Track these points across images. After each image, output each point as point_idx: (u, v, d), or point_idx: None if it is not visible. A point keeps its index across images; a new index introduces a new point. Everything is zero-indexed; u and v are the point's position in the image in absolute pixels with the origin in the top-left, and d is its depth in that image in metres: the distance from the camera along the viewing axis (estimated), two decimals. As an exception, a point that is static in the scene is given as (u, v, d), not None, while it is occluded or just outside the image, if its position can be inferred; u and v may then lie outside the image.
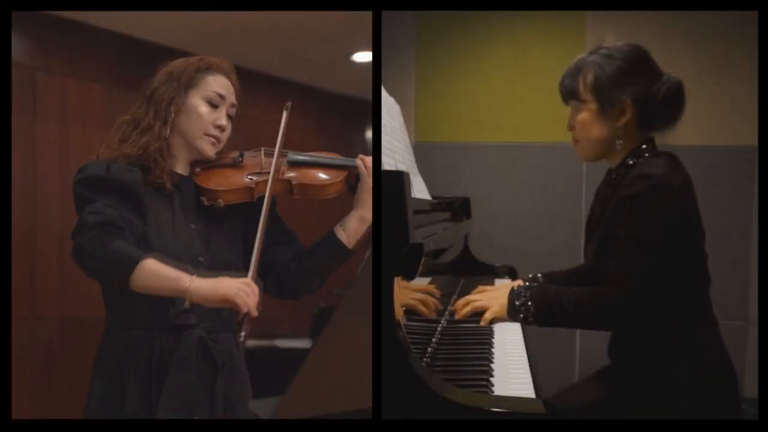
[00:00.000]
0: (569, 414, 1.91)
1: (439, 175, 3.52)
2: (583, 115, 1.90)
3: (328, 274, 1.81)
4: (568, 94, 1.93)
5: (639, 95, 1.83)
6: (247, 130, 4.87)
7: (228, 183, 1.75)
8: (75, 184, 1.62)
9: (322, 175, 1.78)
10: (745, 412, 2.08)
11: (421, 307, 1.66)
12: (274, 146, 1.80)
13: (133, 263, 1.51)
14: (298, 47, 4.02)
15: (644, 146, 1.87)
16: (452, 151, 3.58)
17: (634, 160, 1.86)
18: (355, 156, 1.79)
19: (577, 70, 1.90)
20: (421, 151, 3.41)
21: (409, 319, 1.52)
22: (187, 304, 1.55)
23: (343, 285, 4.02)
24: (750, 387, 3.14)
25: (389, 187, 1.28)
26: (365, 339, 1.30)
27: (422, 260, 1.31)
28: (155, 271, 1.52)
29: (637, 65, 1.86)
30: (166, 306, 1.62)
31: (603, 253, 1.84)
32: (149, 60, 1.79)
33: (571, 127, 1.96)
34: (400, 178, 1.28)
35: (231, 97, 1.76)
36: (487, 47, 3.57)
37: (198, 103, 1.71)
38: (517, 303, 1.81)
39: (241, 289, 1.53)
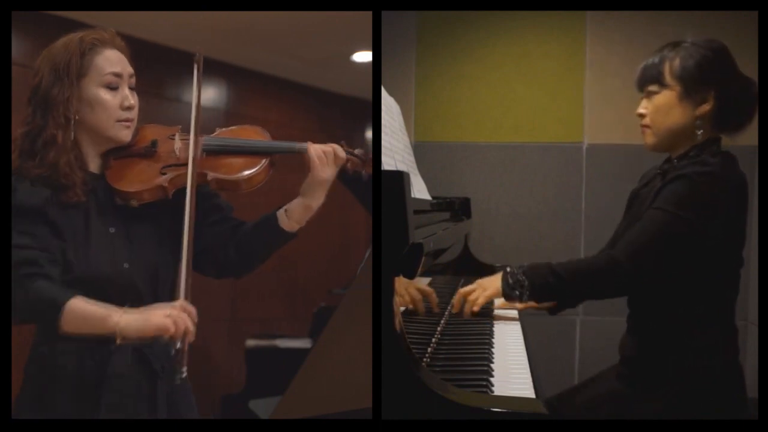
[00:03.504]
0: (570, 414, 1.91)
1: (439, 175, 3.52)
2: (663, 99, 1.88)
3: (269, 255, 1.70)
4: (650, 78, 1.90)
5: (722, 89, 1.85)
6: (247, 130, 4.79)
7: (139, 181, 1.57)
8: None
9: (241, 166, 1.60)
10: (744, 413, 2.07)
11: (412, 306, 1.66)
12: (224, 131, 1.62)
13: (58, 308, 1.39)
14: (298, 47, 4.02)
15: (710, 143, 1.87)
16: (452, 151, 3.58)
17: (697, 152, 1.86)
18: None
19: (661, 57, 1.89)
20: (421, 151, 3.41)
21: (409, 320, 1.52)
22: (118, 342, 1.41)
23: (343, 285, 4.02)
24: (750, 387, 3.14)
25: (389, 187, 1.28)
26: (365, 339, 1.29)
27: (422, 260, 1.31)
28: (81, 313, 1.41)
29: (722, 59, 1.87)
30: None
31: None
32: (149, 60, 1.75)
33: (644, 111, 1.93)
34: (400, 178, 1.28)
35: (127, 68, 1.59)
36: (487, 47, 3.57)
37: (96, 91, 1.55)
38: (510, 281, 1.82)
39: (175, 317, 1.40)
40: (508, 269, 1.85)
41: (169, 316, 1.39)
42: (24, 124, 1.57)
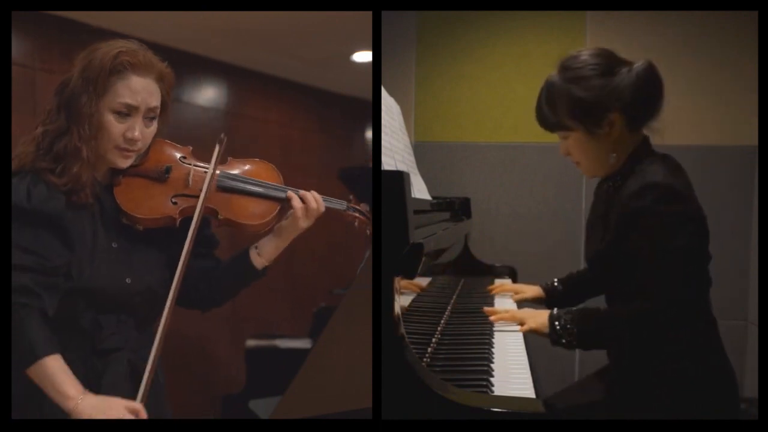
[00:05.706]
0: (569, 414, 1.91)
1: (439, 175, 3.52)
2: (574, 141, 1.87)
3: (238, 292, 1.74)
4: (552, 126, 1.90)
5: (620, 99, 1.78)
6: (247, 130, 4.86)
7: (148, 208, 1.57)
8: None
9: (253, 211, 1.63)
10: (744, 413, 2.07)
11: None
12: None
13: (33, 359, 1.41)
14: (299, 47, 4.02)
15: (641, 147, 1.85)
16: (452, 151, 3.58)
17: (633, 164, 1.84)
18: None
19: (551, 100, 1.86)
20: (421, 151, 3.41)
21: (409, 320, 1.52)
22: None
23: (343, 285, 4.01)
24: (750, 387, 3.14)
25: (389, 187, 1.28)
26: (365, 339, 1.30)
27: (422, 260, 1.31)
28: (48, 376, 1.42)
29: (606, 69, 1.82)
30: (92, 330, 1.53)
31: (619, 264, 1.81)
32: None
33: (567, 152, 1.92)
34: (400, 178, 1.28)
35: (148, 101, 1.55)
36: (487, 47, 3.57)
37: (106, 115, 1.54)
38: (558, 326, 1.75)
39: (132, 412, 1.42)
40: (554, 312, 1.78)
41: (126, 409, 1.42)
42: (47, 120, 1.55)
